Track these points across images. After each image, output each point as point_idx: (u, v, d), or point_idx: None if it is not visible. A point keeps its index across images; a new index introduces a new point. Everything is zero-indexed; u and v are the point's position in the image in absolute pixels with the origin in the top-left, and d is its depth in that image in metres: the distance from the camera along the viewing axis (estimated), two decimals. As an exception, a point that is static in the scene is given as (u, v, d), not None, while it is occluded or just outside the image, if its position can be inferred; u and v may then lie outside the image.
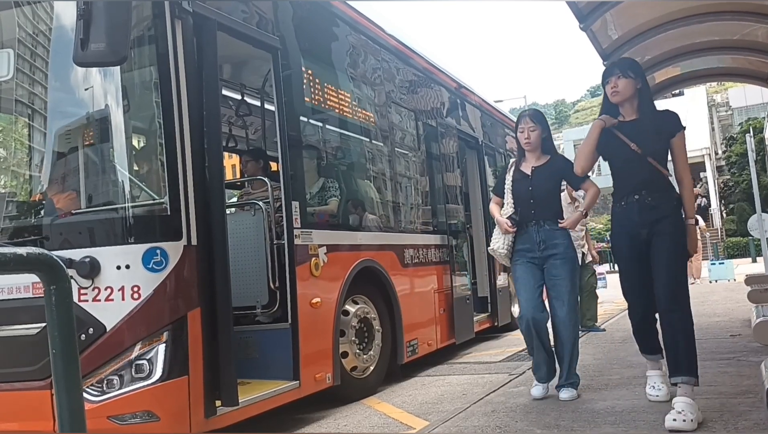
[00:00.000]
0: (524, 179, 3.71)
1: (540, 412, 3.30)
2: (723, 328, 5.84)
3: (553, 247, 3.61)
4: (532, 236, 3.65)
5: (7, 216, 3.33)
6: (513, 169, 3.80)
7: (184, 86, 3.10)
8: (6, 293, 3.04)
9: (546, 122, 3.81)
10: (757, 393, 3.09)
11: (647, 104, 3.16)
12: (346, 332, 4.28)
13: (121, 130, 3.13)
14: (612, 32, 5.41)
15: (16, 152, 3.72)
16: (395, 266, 4.95)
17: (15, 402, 2.98)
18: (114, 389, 2.89)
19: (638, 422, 2.95)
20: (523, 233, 3.68)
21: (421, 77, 6.11)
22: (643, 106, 3.15)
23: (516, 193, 3.72)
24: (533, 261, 3.65)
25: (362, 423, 3.71)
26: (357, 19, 5.04)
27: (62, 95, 3.39)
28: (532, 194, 3.66)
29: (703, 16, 5.23)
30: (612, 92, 3.14)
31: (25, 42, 3.37)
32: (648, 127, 3.09)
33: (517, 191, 3.72)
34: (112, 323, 2.91)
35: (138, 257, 2.94)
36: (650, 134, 3.07)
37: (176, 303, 2.99)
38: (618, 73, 3.12)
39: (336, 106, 4.65)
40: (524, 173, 3.73)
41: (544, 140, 3.75)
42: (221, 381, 3.11)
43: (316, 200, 4.39)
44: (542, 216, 3.63)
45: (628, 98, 3.14)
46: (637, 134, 3.08)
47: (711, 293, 10.01)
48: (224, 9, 3.47)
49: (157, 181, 3.12)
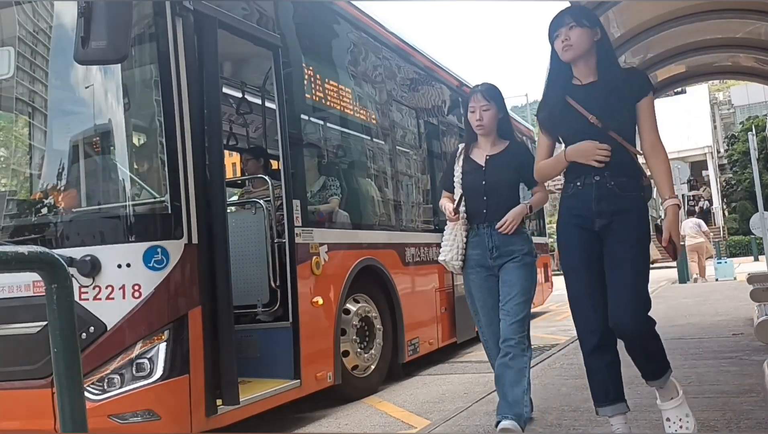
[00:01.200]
0: (476, 170, 2.99)
1: (542, 411, 3.29)
2: (725, 327, 5.83)
3: (507, 255, 2.91)
4: (483, 241, 2.94)
5: (8, 215, 3.33)
6: (462, 157, 3.06)
7: (184, 84, 3.10)
8: (7, 291, 3.04)
9: (502, 100, 3.06)
10: (760, 392, 3.09)
11: (608, 62, 2.45)
12: (347, 331, 4.28)
13: (121, 128, 3.13)
14: (614, 30, 5.39)
15: (17, 151, 3.71)
16: (396, 264, 4.95)
17: (16, 401, 2.98)
18: (115, 388, 2.88)
19: (640, 421, 2.94)
20: (473, 236, 2.98)
21: (422, 75, 6.10)
22: (602, 65, 2.43)
23: (466, 187, 3.00)
24: (488, 272, 2.95)
25: (363, 422, 3.71)
26: (358, 16, 5.03)
27: (63, 93, 3.39)
28: (485, 188, 2.95)
29: (705, 14, 5.21)
30: (563, 47, 2.41)
31: (25, 40, 3.36)
32: (610, 91, 2.38)
33: (467, 185, 3.00)
34: (112, 321, 2.91)
35: (139, 256, 2.93)
36: (613, 100, 2.37)
37: (177, 302, 2.98)
38: (570, 22, 2.40)
39: (337, 104, 4.64)
40: (476, 162, 3.01)
41: (500, 122, 3.02)
42: (222, 380, 3.11)
43: (317, 199, 4.38)
44: (497, 216, 2.91)
45: (583, 54, 2.41)
46: (595, 101, 2.38)
47: (713, 292, 10.00)
48: (225, 7, 3.46)
49: (158, 179, 3.12)
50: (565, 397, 3.54)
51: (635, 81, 2.44)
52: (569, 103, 2.43)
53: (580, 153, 2.39)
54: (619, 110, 2.38)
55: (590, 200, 2.39)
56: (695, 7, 5.15)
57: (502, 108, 3.04)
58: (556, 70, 2.51)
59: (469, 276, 3.02)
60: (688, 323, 6.33)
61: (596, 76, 2.44)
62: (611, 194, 2.37)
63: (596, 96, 2.40)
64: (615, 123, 2.37)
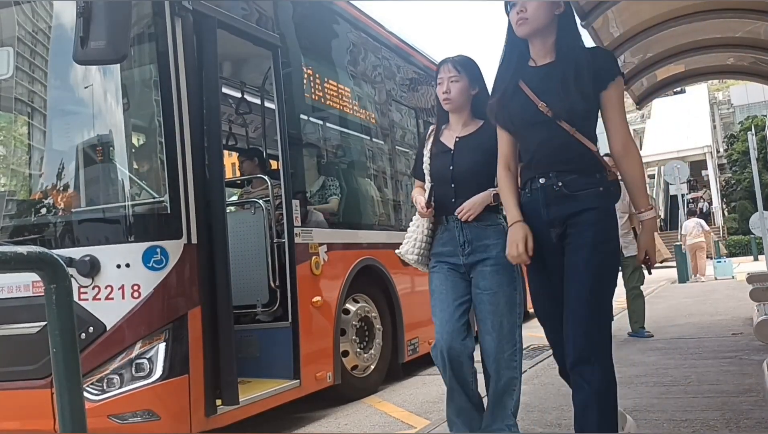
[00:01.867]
0: (443, 154, 2.58)
1: (542, 411, 3.29)
2: (725, 327, 5.83)
3: (482, 250, 2.50)
4: (454, 235, 2.55)
5: (8, 215, 3.32)
6: (432, 140, 2.66)
7: (184, 84, 3.10)
8: (6, 292, 3.03)
9: (478, 73, 2.59)
10: (759, 391, 3.09)
11: (569, 40, 2.07)
12: (346, 331, 4.27)
13: (121, 128, 3.13)
14: (614, 30, 5.40)
15: (16, 151, 3.71)
16: (396, 264, 4.93)
17: (15, 401, 2.98)
18: (114, 388, 2.88)
19: (640, 421, 2.94)
20: (442, 230, 2.60)
21: (422, 75, 6.10)
22: (561, 43, 2.06)
23: (433, 173, 2.60)
24: (456, 269, 2.56)
25: (363, 422, 3.70)
26: (357, 16, 5.03)
27: (62, 94, 3.39)
28: (453, 174, 2.53)
29: (705, 14, 5.21)
30: (518, 20, 2.05)
31: (24, 40, 3.36)
32: (566, 74, 2.00)
33: (434, 171, 2.60)
34: (112, 322, 2.90)
35: (138, 256, 2.93)
36: (568, 85, 1.99)
37: (176, 302, 2.98)
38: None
39: (336, 104, 4.64)
40: (445, 145, 2.60)
41: (474, 99, 2.58)
42: (222, 380, 3.11)
43: (317, 199, 4.38)
44: None
45: (540, 30, 2.06)
46: (548, 85, 2.03)
47: (712, 292, 10.00)
48: (224, 7, 3.46)
49: (157, 179, 3.12)
50: (565, 397, 3.53)
51: (599, 63, 2.02)
52: (521, 88, 2.07)
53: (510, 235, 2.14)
54: (574, 97, 1.99)
55: (539, 208, 2.07)
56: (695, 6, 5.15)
57: (476, 82, 2.56)
58: (510, 48, 2.14)
59: (433, 270, 2.63)
60: (688, 323, 6.34)
61: (554, 57, 2.06)
62: (560, 197, 2.02)
63: (550, 80, 2.03)
64: (566, 112, 2.00)
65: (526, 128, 2.09)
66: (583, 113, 2.04)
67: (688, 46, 6.01)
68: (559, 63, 2.06)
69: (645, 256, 2.11)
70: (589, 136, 2.05)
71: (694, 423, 2.80)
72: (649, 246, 2.10)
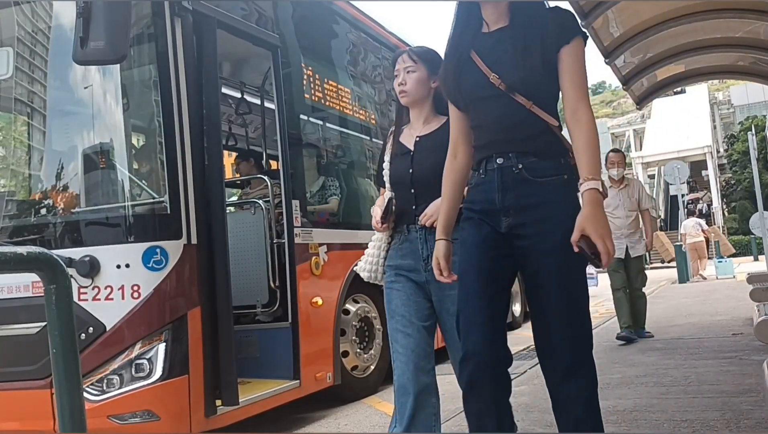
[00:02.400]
0: (403, 156, 2.29)
1: (542, 411, 3.29)
2: (725, 327, 5.83)
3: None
4: (416, 248, 2.23)
5: (7, 215, 3.32)
6: (391, 141, 2.38)
7: (183, 85, 3.10)
8: (6, 292, 3.03)
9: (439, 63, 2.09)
10: (759, 392, 3.08)
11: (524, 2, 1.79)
12: (346, 331, 4.27)
13: (120, 128, 3.13)
14: (614, 30, 5.40)
15: (16, 151, 3.71)
16: (396, 264, 4.94)
17: (15, 402, 2.98)
18: (114, 388, 2.88)
19: (640, 421, 2.94)
20: (402, 241, 2.28)
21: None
22: (517, 4, 1.79)
23: (392, 177, 2.31)
24: (419, 287, 2.25)
25: (363, 423, 3.70)
26: (357, 16, 5.03)
27: (61, 94, 3.38)
28: (413, 178, 2.24)
29: (705, 14, 5.21)
30: None
31: (24, 40, 3.36)
32: (520, 39, 1.73)
33: (393, 175, 2.31)
34: (112, 322, 2.90)
35: (138, 256, 2.93)
36: (522, 51, 1.72)
37: (176, 302, 2.98)
38: None
39: (336, 104, 4.64)
40: (404, 146, 2.31)
41: (436, 93, 2.26)
42: (221, 381, 3.11)
43: (317, 199, 4.38)
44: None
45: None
46: (501, 53, 1.75)
47: (713, 292, 10.00)
48: (224, 7, 3.46)
49: (157, 180, 3.12)
50: (564, 397, 3.54)
51: (556, 24, 1.73)
52: (473, 59, 1.78)
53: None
54: (530, 66, 1.71)
55: (493, 192, 1.75)
56: (694, 6, 5.15)
57: (436, 73, 2.19)
58: (462, 14, 1.84)
59: (393, 289, 2.29)
60: (688, 323, 6.34)
61: (507, 21, 1.78)
62: (519, 182, 1.72)
63: (503, 47, 1.75)
64: (521, 83, 1.71)
65: (478, 104, 1.80)
66: (541, 84, 1.73)
67: (688, 46, 6.01)
68: (513, 27, 1.77)
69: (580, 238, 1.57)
70: (550, 111, 1.75)
71: (694, 424, 2.80)
72: (588, 224, 1.56)
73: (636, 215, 5.53)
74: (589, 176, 1.62)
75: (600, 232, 1.55)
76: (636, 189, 5.63)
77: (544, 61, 1.72)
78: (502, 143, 1.76)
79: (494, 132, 1.77)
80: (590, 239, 1.56)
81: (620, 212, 5.47)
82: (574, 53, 1.72)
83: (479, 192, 1.81)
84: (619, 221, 5.42)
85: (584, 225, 1.57)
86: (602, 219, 1.58)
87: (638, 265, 5.57)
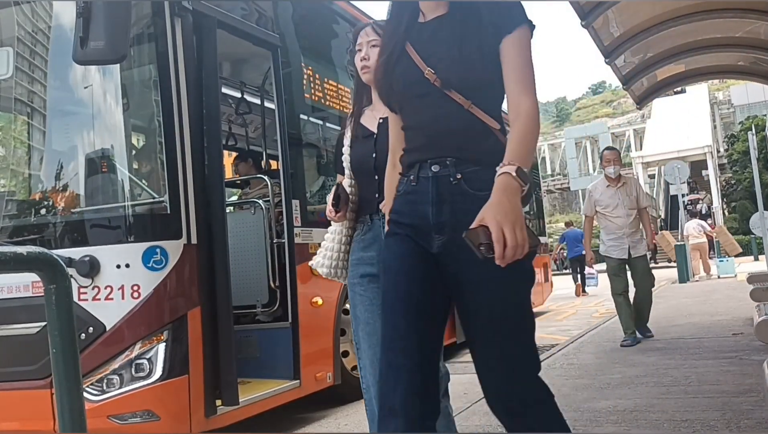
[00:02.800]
0: (365, 139, 2.14)
1: (541, 411, 3.29)
2: (725, 327, 5.83)
3: None
4: (378, 237, 2.06)
5: (7, 215, 3.32)
6: (351, 124, 2.21)
7: (183, 84, 3.09)
8: (6, 292, 3.03)
9: None
10: (760, 392, 3.08)
11: None
12: (346, 331, 4.27)
13: (120, 128, 3.13)
14: (614, 29, 5.40)
15: (16, 151, 3.71)
16: (396, 264, 4.94)
17: (15, 402, 2.98)
18: (114, 388, 2.88)
19: (640, 421, 2.94)
20: (365, 230, 2.12)
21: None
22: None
23: (353, 163, 2.16)
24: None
25: (363, 423, 3.69)
26: (357, 16, 5.03)
27: (61, 94, 3.38)
28: (377, 164, 2.06)
29: (705, 14, 5.22)
30: None
31: (24, 40, 3.36)
32: (457, 29, 1.51)
33: (354, 161, 2.15)
34: (112, 322, 2.90)
35: (138, 256, 2.93)
36: (459, 42, 1.49)
37: (176, 302, 2.98)
38: None
39: (336, 104, 4.64)
40: (366, 129, 2.16)
41: None
42: (221, 381, 3.10)
43: (317, 199, 4.38)
44: None
45: None
46: (437, 45, 1.53)
47: (713, 292, 10.00)
48: (224, 7, 3.46)
49: (157, 179, 3.12)
50: (565, 397, 3.54)
51: (498, 12, 1.49)
52: (407, 52, 1.55)
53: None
54: (467, 58, 1.47)
55: (426, 204, 1.48)
56: (695, 6, 5.15)
57: None
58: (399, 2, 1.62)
59: (357, 293, 2.08)
60: (688, 323, 6.33)
61: (446, 9, 1.56)
62: (456, 195, 1.46)
63: (439, 38, 1.53)
64: (458, 79, 1.47)
65: (412, 102, 1.55)
66: (482, 81, 1.48)
67: (688, 46, 6.01)
68: (451, 16, 1.54)
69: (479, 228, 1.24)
70: (493, 112, 1.50)
71: (695, 424, 2.79)
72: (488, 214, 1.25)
73: (636, 213, 5.40)
74: (508, 161, 1.34)
75: (498, 218, 1.24)
76: (633, 187, 5.53)
77: (484, 55, 1.47)
78: (438, 148, 1.49)
79: (429, 135, 1.52)
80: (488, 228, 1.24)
81: (620, 211, 5.35)
82: (517, 44, 1.47)
83: (408, 203, 1.52)
84: (621, 220, 5.32)
85: (484, 213, 1.26)
86: (507, 206, 1.27)
87: (644, 265, 5.42)
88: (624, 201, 5.38)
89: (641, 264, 5.40)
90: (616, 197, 5.39)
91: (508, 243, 1.23)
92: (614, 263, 5.35)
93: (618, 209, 5.37)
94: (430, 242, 1.47)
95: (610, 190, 5.39)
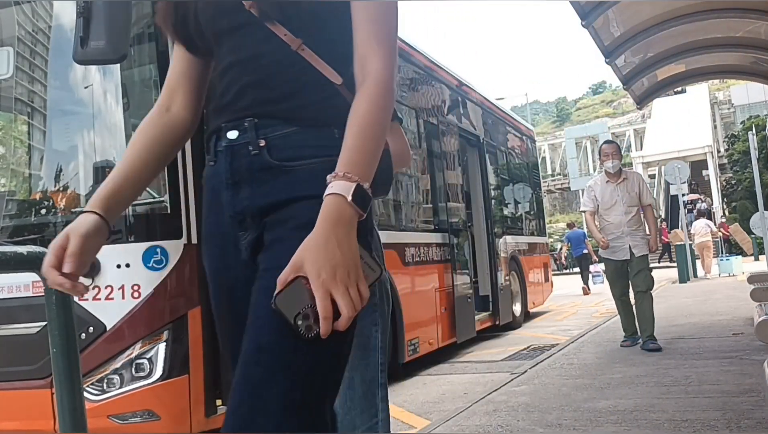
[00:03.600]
0: None
1: (542, 411, 3.29)
2: (725, 327, 5.83)
3: None
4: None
5: (7, 215, 3.32)
6: None
7: (184, 84, 3.09)
8: (6, 292, 3.03)
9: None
10: (760, 392, 3.08)
11: None
12: (347, 330, 4.27)
13: (120, 128, 3.13)
14: (614, 29, 5.40)
15: (16, 151, 3.71)
16: (396, 264, 4.94)
17: (15, 401, 2.98)
18: (114, 388, 2.88)
19: (641, 421, 2.94)
20: None
21: (422, 75, 6.10)
22: None
23: None
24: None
25: (363, 422, 3.70)
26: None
27: (62, 94, 3.39)
28: None
29: (705, 14, 5.22)
30: None
31: (24, 40, 3.36)
32: None
33: None
34: (112, 322, 2.90)
35: (138, 256, 2.93)
36: None
37: (176, 302, 2.98)
38: None
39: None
40: None
41: None
42: (222, 380, 3.10)
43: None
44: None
45: None
46: None
47: (713, 292, 9.99)
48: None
49: (157, 179, 3.11)
50: (565, 397, 3.54)
51: None
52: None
53: None
54: None
55: (221, 189, 1.08)
56: (695, 6, 5.15)
57: None
58: None
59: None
60: (689, 323, 6.33)
61: None
62: (258, 171, 1.03)
63: None
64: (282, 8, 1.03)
65: (220, 39, 1.09)
66: (319, 15, 1.05)
67: (688, 46, 6.02)
68: None
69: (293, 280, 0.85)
70: (333, 58, 1.04)
71: (695, 424, 2.79)
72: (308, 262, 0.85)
73: (637, 210, 5.03)
74: (342, 171, 0.91)
75: (324, 275, 0.83)
76: (636, 183, 5.14)
77: None
78: (241, 105, 1.05)
79: (232, 81, 1.07)
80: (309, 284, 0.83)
81: (618, 209, 5.01)
82: None
83: (207, 190, 1.14)
84: (617, 218, 5.00)
85: (303, 258, 0.85)
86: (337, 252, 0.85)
87: (644, 264, 5.01)
88: (623, 198, 5.04)
89: (641, 264, 5.01)
90: (615, 194, 5.05)
91: (344, 313, 0.83)
92: (613, 266, 5.09)
93: (615, 207, 5.04)
94: (237, 242, 1.06)
95: (609, 186, 5.07)
